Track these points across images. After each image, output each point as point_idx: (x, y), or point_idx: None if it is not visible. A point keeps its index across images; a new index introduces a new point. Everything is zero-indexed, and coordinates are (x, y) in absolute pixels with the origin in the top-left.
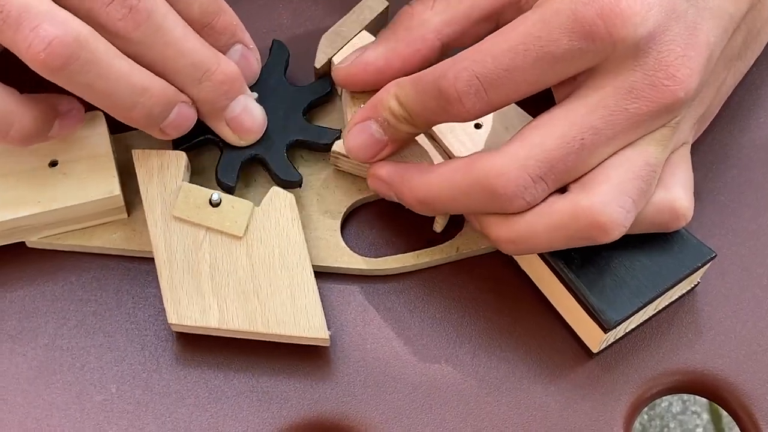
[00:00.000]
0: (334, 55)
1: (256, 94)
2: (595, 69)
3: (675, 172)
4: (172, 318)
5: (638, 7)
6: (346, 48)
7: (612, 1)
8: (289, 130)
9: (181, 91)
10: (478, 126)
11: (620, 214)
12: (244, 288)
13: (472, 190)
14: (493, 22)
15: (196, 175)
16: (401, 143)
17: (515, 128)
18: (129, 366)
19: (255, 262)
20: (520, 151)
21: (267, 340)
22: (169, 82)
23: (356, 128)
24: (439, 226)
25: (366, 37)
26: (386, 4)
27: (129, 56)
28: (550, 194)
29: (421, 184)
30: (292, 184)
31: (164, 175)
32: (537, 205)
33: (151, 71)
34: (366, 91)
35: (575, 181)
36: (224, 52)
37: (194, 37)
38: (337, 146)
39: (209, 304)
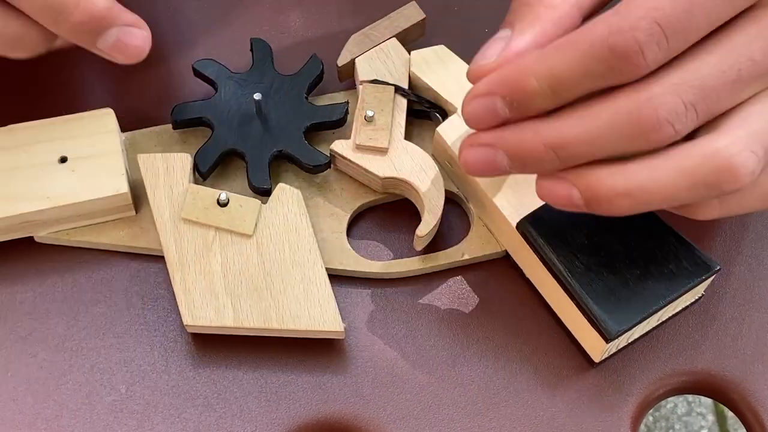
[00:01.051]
0: (358, 56)
1: (136, 19)
2: (756, 4)
3: None
4: (187, 319)
5: None
6: (375, 51)
7: None
8: (301, 117)
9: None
10: None
11: (752, 159)
12: (256, 285)
13: (618, 120)
14: None
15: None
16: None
17: None
18: (138, 367)
19: (266, 259)
20: (673, 77)
21: (282, 336)
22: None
23: (477, 102)
24: (419, 244)
25: (395, 45)
26: (423, 15)
27: None
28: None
29: (550, 125)
30: (321, 167)
31: (170, 178)
32: (654, 151)
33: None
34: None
35: (704, 126)
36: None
37: None
38: (335, 146)
39: (223, 304)
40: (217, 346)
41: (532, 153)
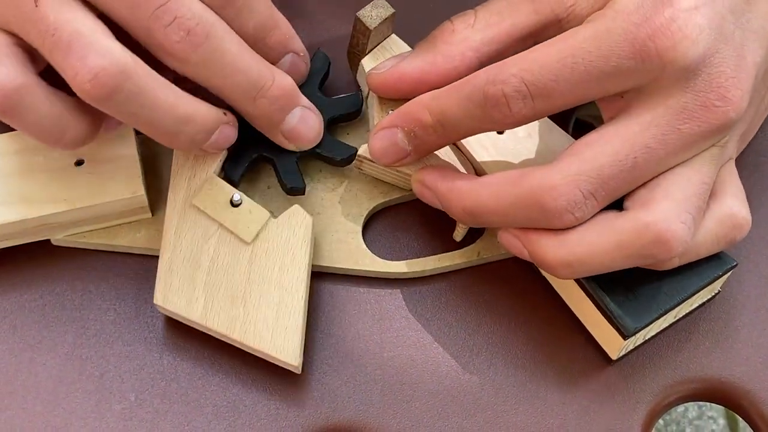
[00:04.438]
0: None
1: (311, 104)
2: (644, 88)
3: (725, 184)
4: (159, 299)
5: (689, 30)
6: (378, 50)
7: (664, 23)
8: (320, 113)
9: (237, 108)
10: (500, 133)
11: (683, 229)
12: (233, 292)
13: (521, 203)
14: (533, 40)
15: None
16: (425, 153)
17: (537, 134)
18: (148, 375)
19: (253, 270)
20: (572, 167)
21: (241, 348)
22: (225, 99)
23: (382, 133)
24: (459, 236)
25: (396, 41)
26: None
27: (187, 75)
28: (602, 212)
29: (468, 195)
30: (349, 159)
31: (198, 162)
32: (590, 223)
33: (208, 88)
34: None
35: (629, 198)
36: (275, 63)
37: (249, 54)
38: (362, 150)
39: (196, 297)
40: (227, 354)
41: (454, 212)
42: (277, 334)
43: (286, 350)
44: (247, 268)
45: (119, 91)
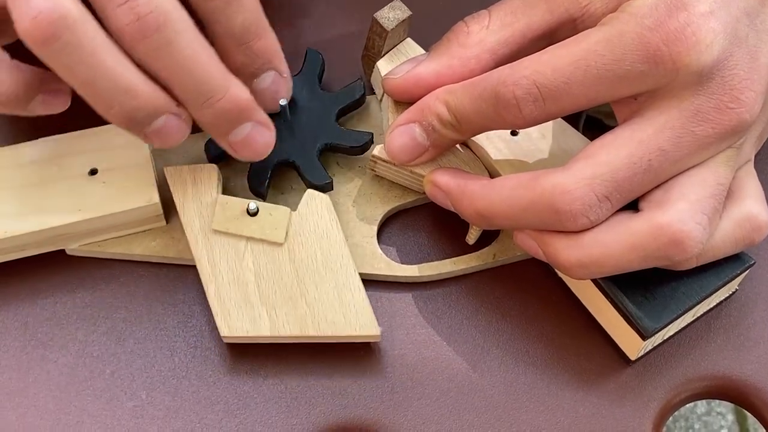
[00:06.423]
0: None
1: (267, 119)
2: (657, 91)
3: (744, 186)
4: (224, 331)
5: (703, 34)
6: (393, 53)
7: (678, 28)
8: (321, 135)
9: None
10: (514, 133)
11: (698, 230)
12: (291, 293)
13: (535, 207)
14: (547, 40)
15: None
16: (442, 149)
17: (551, 135)
18: (158, 372)
19: (299, 266)
20: (586, 170)
21: (319, 342)
22: (172, 96)
23: (399, 130)
24: (472, 238)
25: (411, 45)
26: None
27: (136, 61)
28: (617, 213)
29: (481, 197)
30: (322, 187)
31: (199, 190)
32: (605, 224)
33: (158, 79)
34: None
35: (644, 199)
36: (256, 76)
37: (207, 58)
38: (377, 150)
39: (259, 314)
40: (238, 352)
41: (466, 215)
42: (349, 314)
43: (363, 325)
44: (291, 267)
45: (57, 38)
